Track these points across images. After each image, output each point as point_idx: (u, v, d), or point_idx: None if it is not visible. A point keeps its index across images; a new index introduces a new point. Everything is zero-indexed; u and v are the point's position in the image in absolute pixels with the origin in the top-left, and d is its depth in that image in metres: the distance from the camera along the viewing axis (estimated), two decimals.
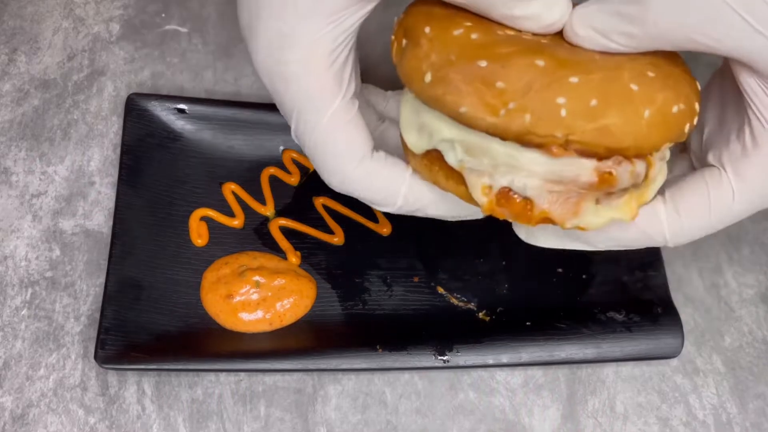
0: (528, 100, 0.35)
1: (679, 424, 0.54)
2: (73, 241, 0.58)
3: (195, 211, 0.58)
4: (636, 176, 0.38)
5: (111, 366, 0.52)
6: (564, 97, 0.35)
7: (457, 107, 0.36)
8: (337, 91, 0.40)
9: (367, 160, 0.41)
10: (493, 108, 0.36)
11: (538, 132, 0.36)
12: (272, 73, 0.40)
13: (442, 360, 0.53)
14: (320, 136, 0.40)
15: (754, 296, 0.60)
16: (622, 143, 0.36)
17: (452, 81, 0.36)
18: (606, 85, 0.36)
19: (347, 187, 0.42)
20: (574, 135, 0.36)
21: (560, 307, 0.56)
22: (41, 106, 0.63)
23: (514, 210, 0.38)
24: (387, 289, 0.57)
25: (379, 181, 0.41)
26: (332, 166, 0.41)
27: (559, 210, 0.38)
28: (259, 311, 0.55)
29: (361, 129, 0.41)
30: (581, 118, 0.35)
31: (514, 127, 0.36)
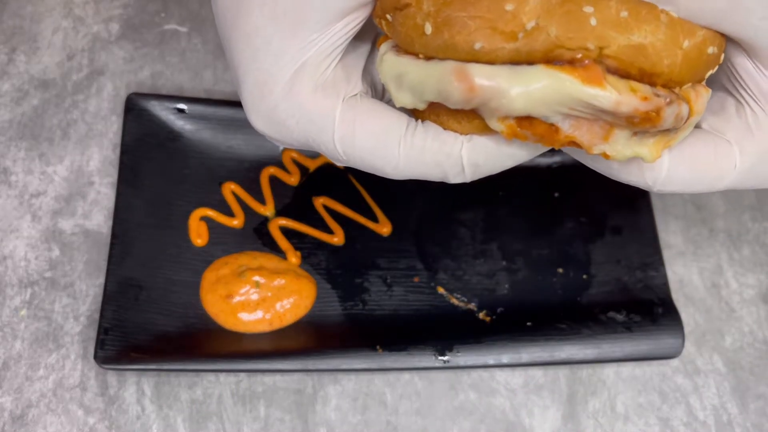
0: (549, 14, 0.32)
1: (679, 425, 0.54)
2: (72, 241, 0.58)
3: (195, 211, 0.58)
4: (679, 120, 0.35)
5: (110, 366, 0.52)
6: (591, 5, 0.32)
7: (471, 45, 0.33)
8: (335, 103, 0.37)
9: (410, 138, 0.37)
10: (510, 34, 0.33)
11: (567, 45, 0.32)
12: (268, 124, 0.38)
13: (443, 360, 0.53)
14: (347, 148, 0.37)
15: (755, 296, 0.60)
16: (656, 67, 0.34)
17: (456, 20, 0.34)
18: (636, 2, 0.33)
19: (406, 172, 0.38)
20: (609, 48, 0.33)
21: (560, 308, 0.56)
22: (40, 106, 0.63)
23: (537, 132, 0.35)
24: (387, 289, 0.57)
25: (431, 155, 0.37)
26: (381, 161, 0.38)
27: (587, 135, 0.35)
28: (258, 311, 0.54)
29: (384, 112, 0.38)
30: (613, 28, 0.32)
31: (539, 45, 0.32)
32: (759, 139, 0.38)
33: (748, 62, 0.37)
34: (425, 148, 0.37)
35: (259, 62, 0.35)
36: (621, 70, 0.33)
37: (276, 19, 0.34)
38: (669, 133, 0.37)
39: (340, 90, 0.37)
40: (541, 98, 0.33)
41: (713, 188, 0.39)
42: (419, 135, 0.37)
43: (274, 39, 0.35)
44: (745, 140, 0.38)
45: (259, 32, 0.35)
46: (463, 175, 0.37)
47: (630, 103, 0.33)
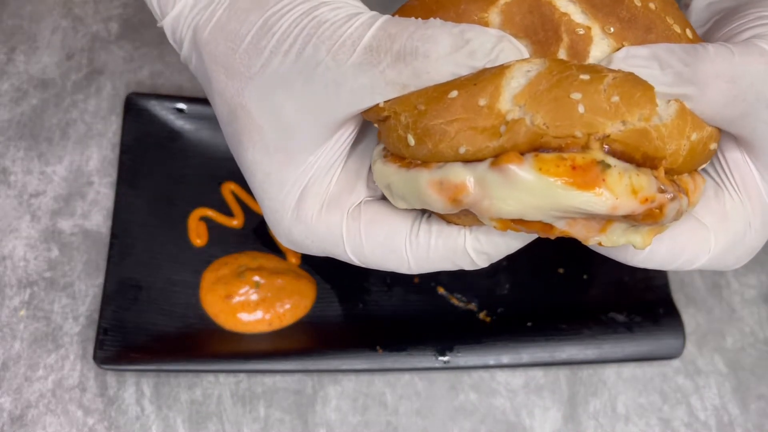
0: (535, 103, 0.31)
1: (680, 425, 0.54)
2: (71, 242, 0.58)
3: (194, 211, 0.58)
4: (679, 214, 0.34)
5: (110, 367, 0.52)
6: (579, 92, 0.31)
7: (456, 150, 0.32)
8: (340, 218, 0.37)
9: (414, 240, 0.37)
10: (491, 130, 0.32)
11: (553, 133, 0.31)
12: (290, 245, 0.39)
13: (443, 361, 0.53)
14: (360, 257, 0.38)
15: (756, 297, 0.59)
16: (659, 152, 0.32)
17: (435, 128, 0.33)
18: (627, 84, 0.32)
19: (422, 269, 0.38)
20: (611, 132, 0.31)
21: (561, 308, 0.56)
22: (40, 106, 0.63)
23: (531, 228, 0.33)
24: (387, 289, 0.57)
25: (438, 252, 0.37)
26: (394, 265, 0.38)
27: (582, 231, 0.33)
28: (258, 312, 0.54)
29: (385, 218, 0.38)
30: (602, 114, 0.31)
31: (522, 137, 0.31)
32: (732, 228, 0.38)
33: (740, 155, 0.37)
34: (431, 246, 0.37)
35: (266, 193, 0.37)
36: (625, 154, 0.32)
37: (268, 153, 0.36)
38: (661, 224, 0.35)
39: (344, 202, 0.37)
40: (533, 206, 0.32)
41: (684, 268, 0.39)
42: (423, 235, 0.37)
43: (272, 171, 0.36)
44: (720, 227, 0.38)
45: (259, 167, 0.36)
46: (475, 264, 0.38)
47: (627, 206, 0.32)
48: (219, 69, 0.36)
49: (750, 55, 0.33)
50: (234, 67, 0.35)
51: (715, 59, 0.33)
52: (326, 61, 0.33)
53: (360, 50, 0.33)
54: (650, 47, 0.33)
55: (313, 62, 0.33)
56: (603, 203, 0.31)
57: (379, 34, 0.33)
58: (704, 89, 0.33)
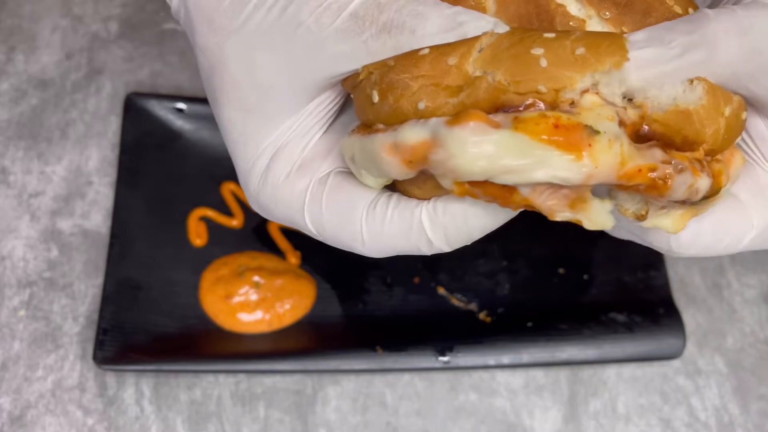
0: (496, 61, 0.30)
1: (681, 426, 0.54)
2: (71, 242, 0.58)
3: (194, 211, 0.58)
4: (693, 192, 0.32)
5: (109, 367, 0.52)
6: (541, 47, 0.30)
7: (415, 106, 0.31)
8: (308, 183, 0.36)
9: (371, 211, 0.35)
10: (455, 88, 0.30)
11: (515, 89, 0.29)
12: (257, 208, 0.38)
13: (443, 361, 0.53)
14: (317, 227, 0.37)
15: (757, 297, 0.59)
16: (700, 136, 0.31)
17: (399, 82, 0.32)
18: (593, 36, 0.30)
19: (375, 247, 0.36)
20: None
21: (561, 308, 0.56)
22: (39, 106, 0.63)
23: (489, 192, 0.31)
24: (387, 289, 0.57)
25: (393, 225, 0.35)
26: (348, 238, 0.37)
27: (549, 201, 0.30)
28: (258, 312, 0.54)
29: (350, 187, 0.36)
30: (568, 67, 0.29)
31: (482, 93, 0.30)
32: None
33: (762, 123, 0.36)
34: (386, 218, 0.35)
35: (240, 152, 0.36)
36: (665, 136, 0.31)
37: (245, 112, 0.35)
38: (699, 204, 0.34)
39: (315, 169, 0.36)
40: (500, 166, 0.29)
41: (730, 251, 0.38)
42: (380, 207, 0.35)
43: (247, 131, 0.35)
44: (757, 201, 0.37)
45: (235, 125, 0.36)
46: (431, 244, 0.35)
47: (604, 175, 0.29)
48: (203, 21, 0.35)
49: (756, 9, 0.32)
50: (217, 20, 0.34)
51: (719, 18, 0.32)
52: (308, 22, 0.33)
53: (345, 16, 0.32)
54: (648, 30, 0.32)
55: (295, 22, 0.33)
56: (578, 170, 0.29)
57: (368, 2, 0.32)
58: (715, 49, 0.31)
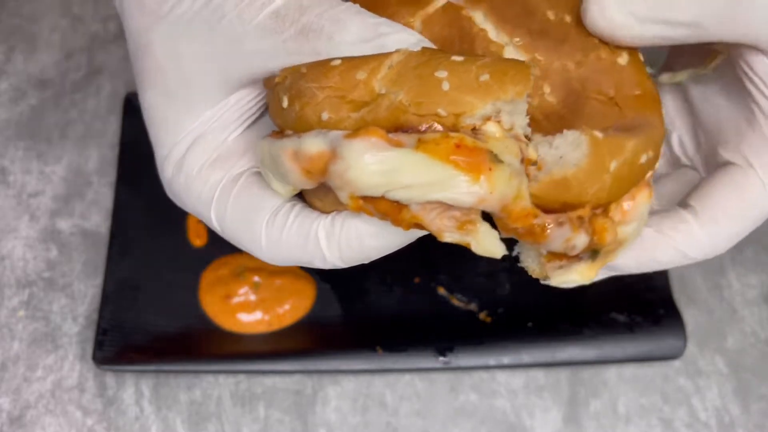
0: (400, 80, 0.30)
1: (681, 426, 0.54)
2: (70, 242, 0.58)
3: None
4: (570, 248, 0.32)
5: (109, 367, 0.52)
6: (445, 70, 0.30)
7: (318, 116, 0.31)
8: (220, 178, 0.36)
9: (273, 218, 0.35)
10: (358, 103, 0.31)
11: (414, 111, 0.29)
12: (171, 195, 0.38)
13: (443, 361, 0.53)
14: (221, 224, 0.36)
15: (757, 297, 0.59)
16: (581, 198, 0.31)
17: (306, 90, 0.31)
18: (501, 63, 0.30)
19: (271, 255, 0.36)
20: (467, 112, 0.29)
21: (562, 308, 0.56)
22: (39, 105, 0.63)
23: (380, 209, 0.31)
24: (387, 289, 0.57)
25: (291, 235, 0.35)
26: (247, 240, 0.36)
27: (437, 220, 0.30)
28: (258, 312, 0.54)
29: (258, 191, 0.36)
30: (470, 93, 0.29)
31: (383, 111, 0.30)
32: None
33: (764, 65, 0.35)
34: (285, 228, 0.35)
35: (159, 138, 0.36)
36: (542, 207, 0.31)
37: (167, 98, 0.35)
38: (599, 259, 0.34)
39: (230, 165, 0.36)
40: (395, 182, 0.29)
41: (758, 223, 0.38)
42: (282, 215, 0.35)
43: (168, 117, 0.35)
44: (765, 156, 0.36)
45: (156, 110, 0.36)
46: (325, 260, 0.35)
47: (495, 203, 0.29)
48: (133, 5, 0.35)
49: None
50: (147, 4, 0.35)
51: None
52: (231, 16, 0.33)
53: (266, 14, 0.32)
54: None
55: (218, 14, 0.33)
56: (472, 192, 0.29)
57: (291, 2, 0.32)
58: None
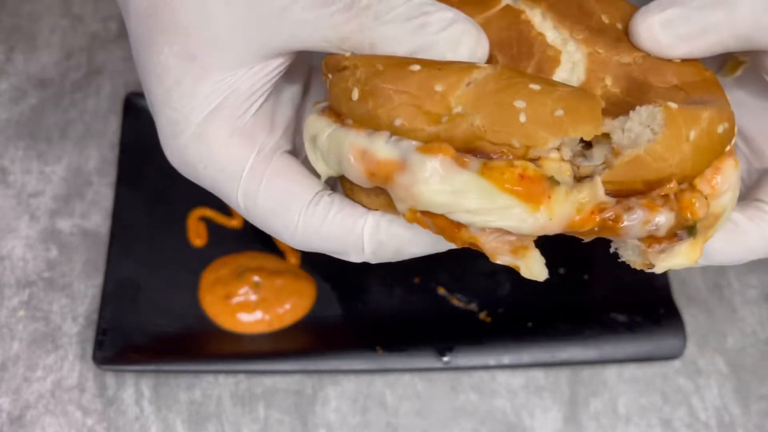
0: (478, 103, 0.30)
1: (681, 426, 0.54)
2: (70, 242, 0.58)
3: (193, 211, 0.58)
4: (652, 229, 0.32)
5: (109, 367, 0.52)
6: (524, 100, 0.30)
7: (391, 120, 0.31)
8: (249, 153, 0.35)
9: (313, 207, 0.35)
10: (434, 116, 0.31)
11: (490, 138, 0.30)
12: (179, 163, 0.37)
13: (443, 361, 0.53)
14: (249, 204, 0.35)
15: (758, 296, 0.59)
16: (662, 173, 0.31)
17: (382, 91, 0.31)
18: (575, 98, 0.31)
19: (304, 243, 0.35)
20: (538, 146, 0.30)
21: (562, 308, 0.56)
22: (39, 105, 0.63)
23: (438, 224, 0.32)
24: (387, 289, 0.57)
25: (332, 227, 0.34)
26: (279, 225, 0.35)
27: (494, 243, 0.31)
28: (258, 312, 0.54)
29: (295, 175, 0.36)
30: (544, 128, 0.30)
31: (460, 133, 0.30)
32: None
33: None
34: (327, 219, 0.34)
35: (171, 101, 0.34)
36: (623, 191, 0.31)
37: (186, 59, 0.33)
38: (699, 235, 0.34)
39: (257, 139, 0.35)
40: (461, 205, 0.30)
41: None
42: (323, 205, 0.34)
43: (185, 80, 0.34)
44: None
45: (170, 72, 0.34)
46: (363, 253, 0.35)
47: (557, 226, 0.30)
48: None
49: None
50: None
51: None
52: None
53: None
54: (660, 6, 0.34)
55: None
56: (532, 221, 0.30)
57: None
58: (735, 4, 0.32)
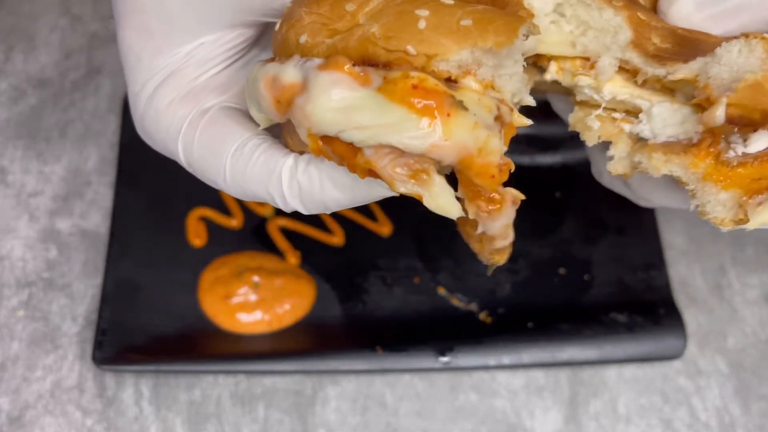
0: (380, 13, 0.29)
1: (681, 426, 0.54)
2: (70, 242, 0.57)
3: (193, 211, 0.58)
4: None
5: (108, 367, 0.52)
6: (428, 9, 0.28)
7: (297, 39, 0.30)
8: (190, 111, 0.36)
9: (240, 150, 0.35)
10: (335, 31, 0.29)
11: (383, 45, 0.28)
12: (141, 133, 0.38)
13: (443, 361, 0.53)
14: (188, 156, 0.37)
15: (758, 297, 0.59)
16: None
17: (295, 13, 0.31)
18: (491, 12, 0.29)
19: (234, 187, 0.35)
20: (440, 55, 0.27)
21: (562, 309, 0.56)
22: (38, 105, 0.63)
23: (337, 151, 0.30)
24: (387, 289, 0.56)
25: (255, 169, 0.34)
26: (212, 171, 0.36)
27: (389, 166, 0.29)
28: (257, 312, 0.54)
29: (229, 123, 0.36)
30: (447, 35, 0.27)
31: (353, 41, 0.28)
32: None
33: None
34: (250, 161, 0.34)
35: (133, 76, 0.37)
36: (744, 117, 0.30)
37: (144, 34, 0.36)
38: None
39: (203, 99, 0.36)
40: (353, 121, 0.28)
41: None
42: (249, 148, 0.35)
43: (143, 56, 0.36)
44: None
45: (132, 48, 0.36)
46: (285, 198, 0.34)
47: (451, 153, 0.28)
48: None
49: None
50: None
51: None
52: None
53: None
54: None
55: None
56: (423, 136, 0.27)
57: None
58: None
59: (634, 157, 0.35)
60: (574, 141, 0.62)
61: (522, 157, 0.62)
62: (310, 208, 0.34)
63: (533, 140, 0.62)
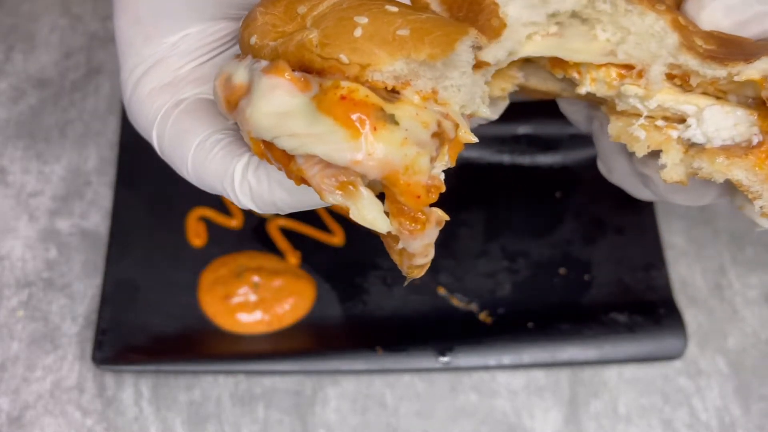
0: (322, 19, 0.28)
1: (682, 426, 0.54)
2: (69, 242, 0.57)
3: (193, 211, 0.58)
4: None
5: (108, 367, 0.52)
6: (367, 17, 0.27)
7: (248, 40, 0.30)
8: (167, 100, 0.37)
9: (203, 143, 0.35)
10: (282, 33, 0.29)
11: (319, 52, 0.27)
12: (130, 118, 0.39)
13: (443, 361, 0.53)
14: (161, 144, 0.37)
15: (758, 297, 0.59)
16: None
17: (252, 12, 0.31)
18: (433, 22, 0.28)
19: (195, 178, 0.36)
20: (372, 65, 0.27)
21: (562, 309, 0.56)
22: (38, 105, 0.63)
23: (275, 156, 0.29)
24: (387, 289, 0.56)
25: (213, 164, 0.35)
26: (178, 160, 0.37)
27: (318, 176, 0.28)
28: (257, 312, 0.54)
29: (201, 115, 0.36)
30: (381, 45, 0.27)
31: (292, 46, 0.28)
32: None
33: None
34: (210, 155, 0.35)
35: (124, 60, 0.38)
36: None
37: (136, 23, 0.37)
38: None
39: (181, 90, 0.37)
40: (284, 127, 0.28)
41: None
42: (212, 142, 0.35)
43: (134, 41, 0.37)
44: None
45: (123, 36, 0.37)
46: (237, 195, 0.34)
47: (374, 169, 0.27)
48: None
49: None
50: None
51: None
52: None
53: None
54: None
55: None
56: (346, 150, 0.27)
57: None
58: None
59: (693, 163, 0.35)
60: (574, 141, 0.63)
61: (522, 157, 0.62)
62: (263, 208, 0.34)
63: (533, 140, 0.61)
